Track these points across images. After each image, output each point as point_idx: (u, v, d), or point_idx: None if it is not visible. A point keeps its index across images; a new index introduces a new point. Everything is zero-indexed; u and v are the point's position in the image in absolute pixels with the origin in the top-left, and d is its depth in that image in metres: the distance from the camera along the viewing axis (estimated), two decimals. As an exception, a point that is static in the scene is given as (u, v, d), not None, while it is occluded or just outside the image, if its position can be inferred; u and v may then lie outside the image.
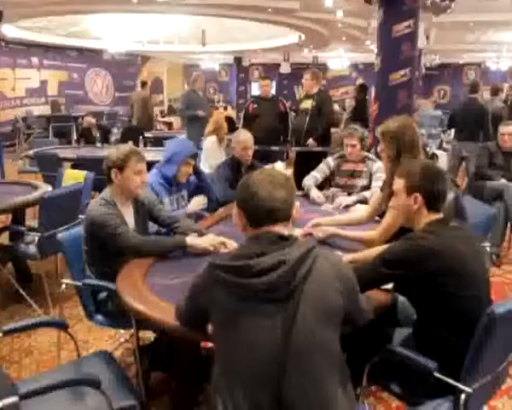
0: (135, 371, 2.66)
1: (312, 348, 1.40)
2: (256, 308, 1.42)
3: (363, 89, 9.35)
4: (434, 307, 1.91)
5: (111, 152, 2.72)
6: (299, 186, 4.19)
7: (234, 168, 3.93)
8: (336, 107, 10.86)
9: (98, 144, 7.19)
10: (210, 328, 1.60)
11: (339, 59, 18.09)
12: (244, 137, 3.97)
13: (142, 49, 14.31)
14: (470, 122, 6.68)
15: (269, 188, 1.52)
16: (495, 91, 7.25)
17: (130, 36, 12.86)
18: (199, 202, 3.20)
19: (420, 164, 2.09)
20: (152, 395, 2.53)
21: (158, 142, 7.87)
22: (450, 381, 1.80)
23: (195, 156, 3.45)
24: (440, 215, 2.01)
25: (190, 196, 3.46)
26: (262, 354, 1.40)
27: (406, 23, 5.70)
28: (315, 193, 3.81)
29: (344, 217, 3.08)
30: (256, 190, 1.52)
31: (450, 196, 2.79)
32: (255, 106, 6.45)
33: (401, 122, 2.72)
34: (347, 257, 2.30)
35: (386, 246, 2.11)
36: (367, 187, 3.82)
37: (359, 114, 8.47)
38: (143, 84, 10.97)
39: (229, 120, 6.97)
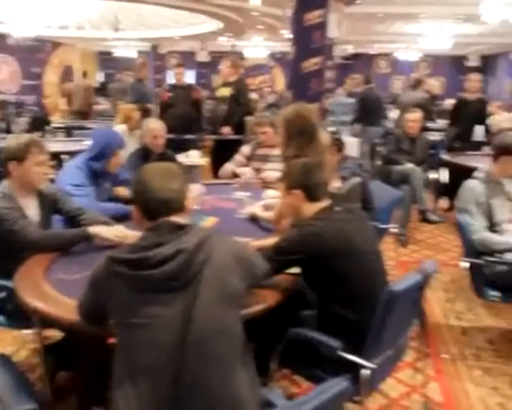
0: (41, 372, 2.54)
1: (214, 334, 1.41)
2: (155, 299, 1.41)
3: None
4: (329, 287, 2.01)
5: (9, 143, 2.55)
6: (217, 175, 4.19)
7: (144, 157, 3.84)
8: (254, 95, 10.93)
9: (1, 135, 6.74)
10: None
11: (257, 48, 18.16)
12: (153, 125, 3.92)
13: (52, 34, 13.55)
14: (370, 109, 7.38)
15: (161, 179, 1.55)
16: (417, 83, 7.81)
17: (37, 20, 12.11)
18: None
19: (295, 163, 2.22)
20: (58, 396, 2.42)
21: (68, 132, 7.52)
22: (354, 358, 1.87)
23: (124, 146, 3.36)
24: (326, 202, 2.12)
25: (116, 185, 3.34)
26: (164, 344, 1.39)
27: (317, 12, 5.84)
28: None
29: None
30: (149, 183, 1.54)
31: (356, 180, 2.90)
32: (170, 94, 6.36)
33: (294, 109, 2.85)
34: (255, 243, 2.32)
35: None
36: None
37: None
38: (85, 73, 10.53)
39: (144, 110, 6.75)
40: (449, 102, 8.41)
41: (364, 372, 1.84)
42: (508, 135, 3.37)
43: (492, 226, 3.05)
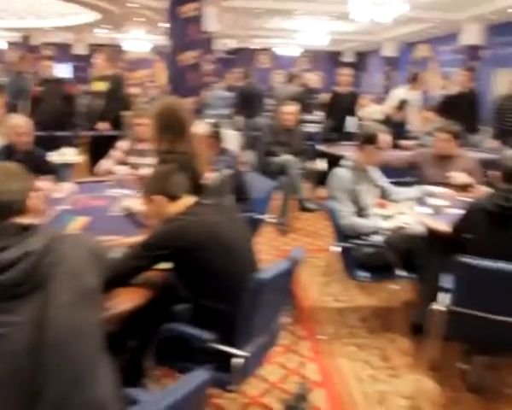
0: None
1: (73, 336, 1.34)
2: (1, 307, 1.30)
3: None
4: (199, 282, 2.01)
5: None
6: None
7: (8, 156, 3.56)
8: (135, 90, 10.61)
9: None
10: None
11: (138, 41, 17.69)
12: (16, 121, 3.65)
13: None
14: (250, 102, 7.66)
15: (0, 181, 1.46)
16: (291, 78, 8.42)
17: None
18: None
19: (152, 173, 2.25)
20: None
21: None
22: (225, 348, 1.89)
23: None
24: (192, 199, 2.12)
25: None
26: (15, 353, 1.29)
27: (192, 5, 5.81)
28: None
29: None
30: None
31: (228, 172, 2.93)
32: (40, 88, 5.96)
33: (165, 103, 2.84)
34: (126, 241, 2.26)
35: None
36: None
37: None
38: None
39: (12, 105, 6.26)
40: (325, 96, 8.81)
41: (236, 361, 1.87)
42: (371, 126, 3.60)
43: (359, 211, 3.25)
